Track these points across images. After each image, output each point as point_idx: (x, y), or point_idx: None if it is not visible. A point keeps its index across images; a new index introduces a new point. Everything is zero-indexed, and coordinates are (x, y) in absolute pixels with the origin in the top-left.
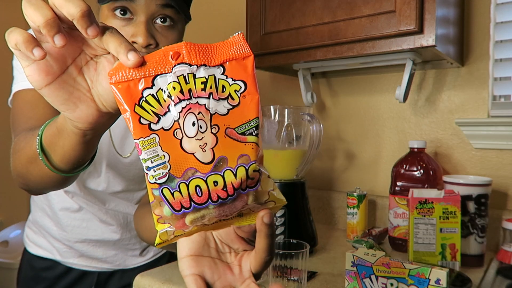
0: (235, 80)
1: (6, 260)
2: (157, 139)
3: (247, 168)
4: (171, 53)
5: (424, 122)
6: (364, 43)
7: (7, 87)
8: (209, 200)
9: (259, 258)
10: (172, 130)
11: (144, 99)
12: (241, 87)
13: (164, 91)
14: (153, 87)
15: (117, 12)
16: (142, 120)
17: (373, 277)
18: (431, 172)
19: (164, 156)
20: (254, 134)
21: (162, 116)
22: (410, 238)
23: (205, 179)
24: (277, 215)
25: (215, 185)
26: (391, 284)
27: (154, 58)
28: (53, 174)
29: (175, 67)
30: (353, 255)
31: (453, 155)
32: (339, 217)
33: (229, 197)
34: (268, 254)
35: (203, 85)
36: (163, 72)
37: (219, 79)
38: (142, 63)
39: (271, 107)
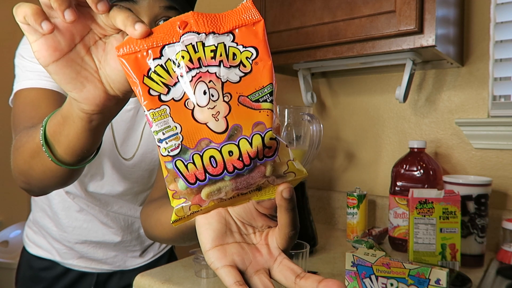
0: (246, 47)
1: (6, 260)
2: (168, 110)
3: (263, 136)
4: (178, 22)
5: (424, 122)
6: (364, 43)
7: (7, 87)
8: (225, 171)
9: (284, 234)
10: (183, 101)
11: (153, 70)
12: (252, 54)
13: (173, 61)
14: (162, 58)
15: None
16: (152, 92)
17: (373, 277)
18: (431, 172)
19: (176, 127)
20: (268, 100)
21: (172, 86)
22: (410, 238)
23: (219, 149)
24: None
25: (230, 155)
26: (391, 284)
27: (162, 29)
28: (56, 168)
29: (183, 36)
30: (353, 255)
31: (453, 155)
32: (339, 217)
33: (245, 167)
34: (292, 229)
35: (212, 53)
36: (171, 42)
37: (229, 46)
38: (149, 34)
39: None
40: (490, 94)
